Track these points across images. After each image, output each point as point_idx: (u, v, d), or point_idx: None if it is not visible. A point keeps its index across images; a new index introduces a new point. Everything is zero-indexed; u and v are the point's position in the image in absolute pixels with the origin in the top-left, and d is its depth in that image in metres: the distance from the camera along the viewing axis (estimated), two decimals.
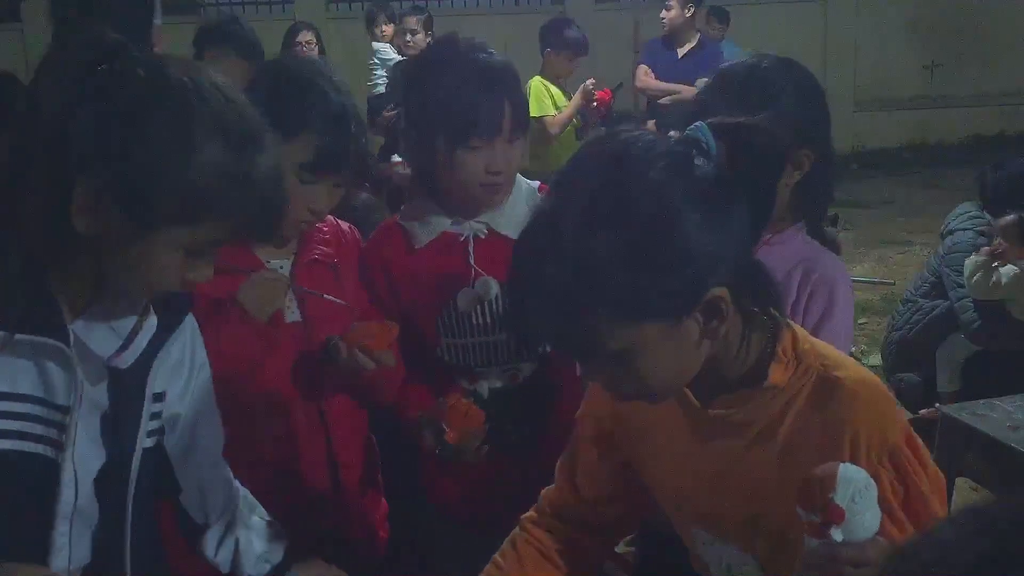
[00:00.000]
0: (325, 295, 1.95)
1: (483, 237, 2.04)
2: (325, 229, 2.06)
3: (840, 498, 1.12)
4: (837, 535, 1.12)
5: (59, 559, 1.36)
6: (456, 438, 1.94)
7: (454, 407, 1.94)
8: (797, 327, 1.37)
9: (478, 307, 2.03)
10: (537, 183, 2.10)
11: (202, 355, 1.56)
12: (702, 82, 5.61)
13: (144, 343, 1.41)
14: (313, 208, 1.88)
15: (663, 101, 5.76)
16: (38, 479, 1.34)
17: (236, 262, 1.88)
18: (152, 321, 1.42)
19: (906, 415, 1.39)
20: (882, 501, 1.18)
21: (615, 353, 1.20)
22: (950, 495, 3.13)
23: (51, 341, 1.29)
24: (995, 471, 3.04)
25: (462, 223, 2.05)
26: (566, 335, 1.23)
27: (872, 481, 1.15)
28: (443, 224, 2.06)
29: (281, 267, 1.98)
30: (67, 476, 1.35)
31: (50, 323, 1.29)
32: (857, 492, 1.12)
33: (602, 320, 1.17)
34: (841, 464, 1.15)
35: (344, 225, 2.13)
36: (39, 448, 1.33)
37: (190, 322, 1.53)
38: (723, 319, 1.23)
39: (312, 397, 1.99)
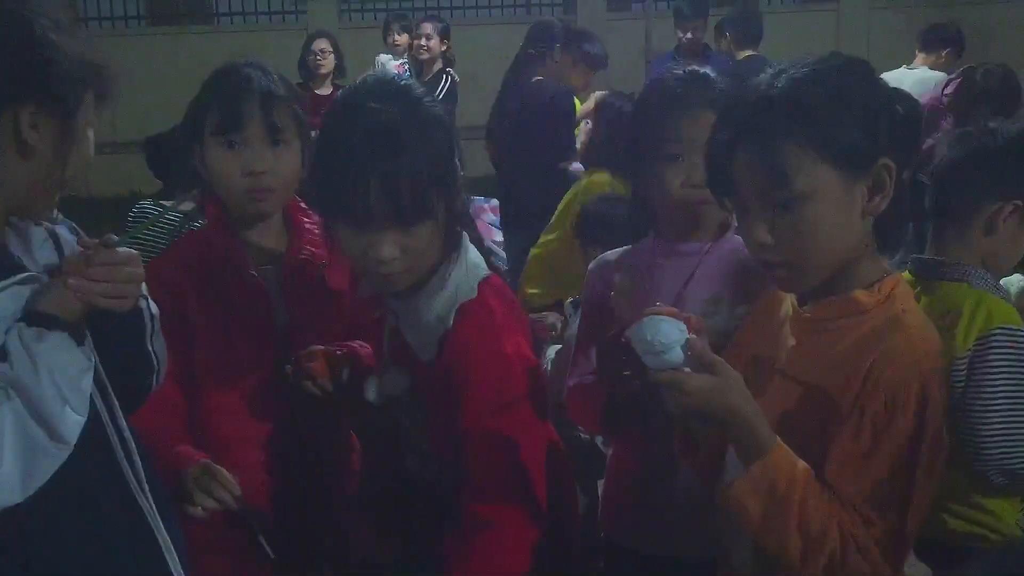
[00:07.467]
0: None
1: (394, 325, 1.82)
2: (315, 230, 2.05)
3: (638, 337, 1.41)
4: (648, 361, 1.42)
5: None
6: None
7: None
8: (904, 280, 1.55)
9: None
10: (483, 274, 1.75)
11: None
12: None
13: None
14: (248, 170, 1.92)
15: None
16: None
17: (228, 258, 1.97)
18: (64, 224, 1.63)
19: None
20: (858, 417, 1.42)
21: (797, 194, 1.43)
22: None
23: (27, 273, 1.48)
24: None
25: (382, 300, 1.82)
26: (765, 165, 1.44)
27: (671, 323, 1.40)
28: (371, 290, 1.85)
29: (269, 268, 2.01)
30: None
31: (13, 263, 1.49)
32: (652, 333, 1.39)
33: (797, 152, 1.42)
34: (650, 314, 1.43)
35: None
36: None
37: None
38: (884, 195, 1.46)
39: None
